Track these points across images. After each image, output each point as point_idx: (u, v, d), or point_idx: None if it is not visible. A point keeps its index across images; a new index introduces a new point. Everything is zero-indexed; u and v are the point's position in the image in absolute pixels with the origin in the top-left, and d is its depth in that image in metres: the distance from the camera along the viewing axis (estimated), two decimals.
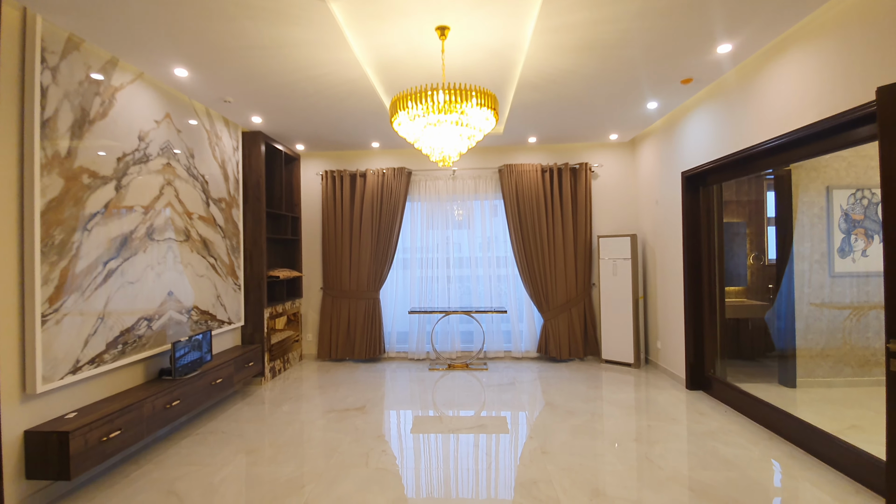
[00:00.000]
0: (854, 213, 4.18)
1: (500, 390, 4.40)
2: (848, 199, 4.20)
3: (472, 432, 3.36)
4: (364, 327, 5.59)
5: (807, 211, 4.32)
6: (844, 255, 4.20)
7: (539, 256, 5.46)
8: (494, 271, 5.68)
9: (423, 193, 5.74)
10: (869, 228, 4.14)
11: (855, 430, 3.28)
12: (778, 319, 5.09)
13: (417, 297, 5.70)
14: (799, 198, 4.33)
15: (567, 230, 5.47)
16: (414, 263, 5.74)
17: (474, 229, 5.73)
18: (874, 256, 4.09)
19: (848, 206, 4.20)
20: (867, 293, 4.16)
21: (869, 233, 4.14)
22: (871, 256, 4.11)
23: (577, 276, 5.49)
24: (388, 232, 5.59)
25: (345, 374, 5.09)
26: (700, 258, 4.30)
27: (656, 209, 5.00)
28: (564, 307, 5.45)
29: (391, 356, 5.76)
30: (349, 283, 5.66)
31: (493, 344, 5.63)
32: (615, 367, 5.15)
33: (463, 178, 5.71)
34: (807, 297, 4.32)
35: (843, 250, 4.20)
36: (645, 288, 5.33)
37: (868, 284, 4.15)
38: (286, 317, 5.62)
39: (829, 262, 4.25)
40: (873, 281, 4.11)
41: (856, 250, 4.16)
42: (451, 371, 5.15)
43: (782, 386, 4.34)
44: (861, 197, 4.17)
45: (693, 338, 4.30)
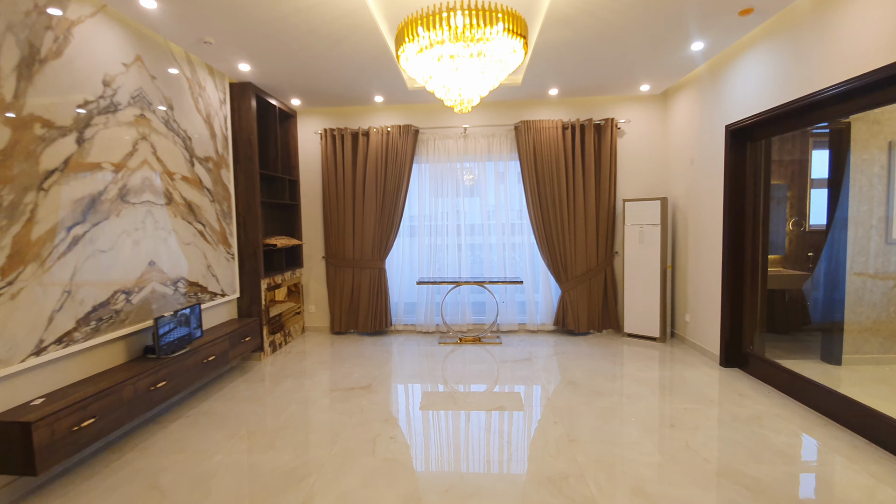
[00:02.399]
0: None
1: (516, 367, 4.08)
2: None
3: (489, 416, 3.04)
4: (369, 298, 5.24)
5: (865, 170, 3.82)
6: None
7: (558, 223, 5.02)
8: (508, 239, 5.27)
9: (432, 154, 5.25)
10: None
11: None
12: (818, 290, 4.68)
13: (426, 266, 5.33)
14: (857, 155, 3.83)
15: (589, 194, 5.01)
16: (422, 230, 5.32)
17: (487, 193, 5.27)
18: None
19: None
20: None
21: None
22: None
23: (599, 244, 5.07)
24: (393, 196, 5.15)
25: (349, 349, 4.79)
26: (743, 223, 3.85)
27: (691, 170, 4.51)
28: (584, 277, 5.06)
29: (398, 329, 5.44)
30: (353, 252, 5.28)
31: (506, 316, 5.29)
32: (638, 342, 4.81)
33: (475, 136, 5.20)
34: (858, 267, 3.89)
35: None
36: (674, 257, 4.91)
37: None
38: (286, 287, 5.29)
39: (888, 228, 3.79)
40: None
41: None
42: (461, 345, 4.83)
43: (825, 363, 3.97)
44: None
45: (730, 311, 3.91)
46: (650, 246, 4.74)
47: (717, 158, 4.00)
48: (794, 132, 4.68)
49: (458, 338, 4.96)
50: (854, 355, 3.87)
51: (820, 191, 5.05)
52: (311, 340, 5.15)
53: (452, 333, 5.07)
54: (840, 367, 3.89)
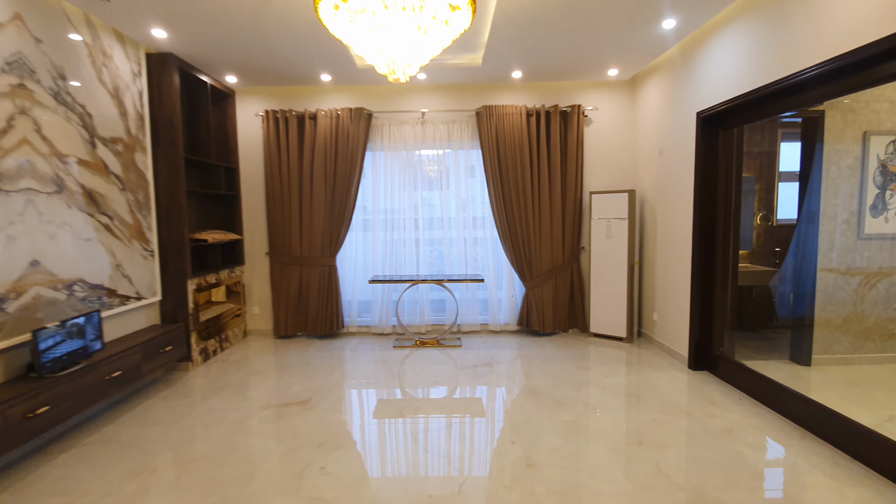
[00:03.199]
0: (892, 164, 3.53)
1: (476, 374, 3.74)
2: (887, 147, 3.55)
3: (440, 437, 2.69)
4: (319, 298, 4.79)
5: (839, 161, 3.66)
6: (877, 214, 3.59)
7: (522, 216, 4.70)
8: (470, 233, 4.91)
9: (387, 140, 4.82)
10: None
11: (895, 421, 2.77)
12: (786, 287, 4.55)
13: (381, 262, 4.91)
14: (830, 146, 3.65)
15: (555, 185, 4.70)
16: (376, 224, 4.89)
17: (447, 184, 4.89)
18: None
19: (886, 156, 3.55)
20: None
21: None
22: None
23: (565, 239, 4.78)
24: (344, 186, 4.70)
25: (295, 355, 4.33)
26: (714, 217, 3.62)
27: (660, 160, 4.26)
28: (549, 274, 4.77)
29: (351, 331, 5.01)
30: (300, 248, 4.80)
31: (468, 316, 4.95)
32: (605, 342, 4.56)
33: (434, 122, 4.80)
34: (828, 263, 3.74)
35: (876, 207, 3.58)
36: (641, 252, 4.68)
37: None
38: (225, 287, 4.76)
39: (860, 222, 3.64)
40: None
41: (890, 208, 3.55)
42: (419, 349, 4.46)
43: (794, 363, 3.83)
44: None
45: (700, 310, 3.69)
46: (617, 241, 4.48)
47: (688, 148, 3.75)
48: (766, 120, 4.48)
49: (416, 340, 4.58)
50: (824, 355, 3.72)
51: (788, 184, 4.92)
52: (253, 346, 4.65)
53: (409, 335, 4.69)
54: (810, 369, 3.74)
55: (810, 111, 3.73)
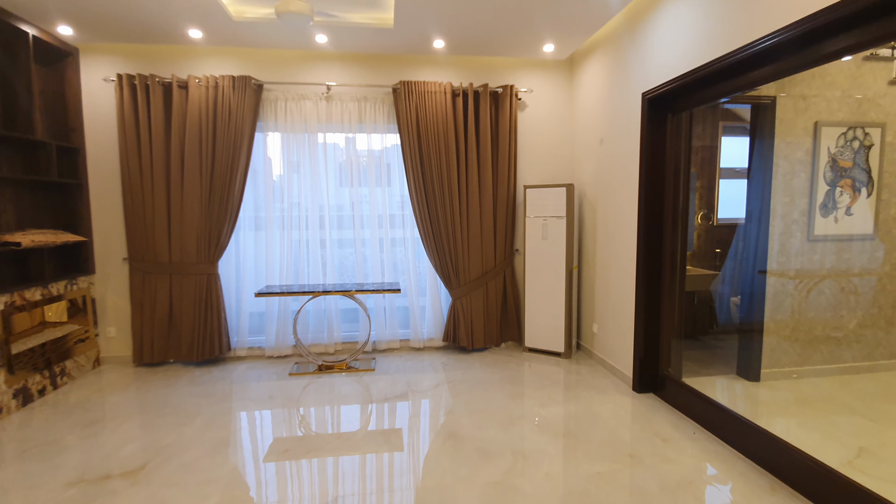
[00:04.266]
0: (842, 158, 3.22)
1: (386, 412, 3.00)
2: (837, 140, 3.24)
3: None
4: (195, 315, 3.81)
5: (789, 154, 3.31)
6: (827, 213, 3.27)
7: (448, 213, 4.02)
8: (388, 233, 4.15)
9: (283, 119, 3.93)
10: (857, 179, 3.21)
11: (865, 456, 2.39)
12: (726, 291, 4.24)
13: (278, 269, 4.02)
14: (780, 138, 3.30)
15: (485, 177, 4.06)
16: (271, 222, 3.99)
17: (359, 174, 4.09)
18: (859, 215, 3.20)
19: (836, 150, 3.23)
20: (847, 261, 3.28)
21: (857, 185, 3.21)
22: (855, 216, 3.21)
23: (497, 240, 4.16)
24: (226, 175, 3.75)
25: (155, 391, 3.35)
26: (661, 215, 3.13)
27: (600, 151, 3.75)
28: (480, 281, 4.13)
29: (240, 354, 4.08)
30: (169, 252, 3.79)
31: (385, 331, 4.19)
32: (541, 358, 4.00)
33: (342, 98, 3.98)
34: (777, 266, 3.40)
35: (826, 207, 3.26)
36: (581, 255, 4.17)
37: (849, 250, 3.27)
38: (66, 304, 3.66)
39: (809, 222, 3.32)
40: (856, 246, 3.25)
41: (840, 207, 3.24)
42: (322, 375, 3.64)
43: (742, 379, 3.46)
44: (852, 138, 3.21)
45: (645, 324, 3.20)
46: (554, 242, 3.93)
47: (632, 136, 3.24)
48: (707, 111, 4.08)
49: (319, 364, 3.76)
50: (772, 369, 3.38)
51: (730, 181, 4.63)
52: (104, 380, 3.60)
53: (311, 358, 3.85)
54: (759, 385, 3.39)
55: (761, 98, 3.36)
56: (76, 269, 3.75)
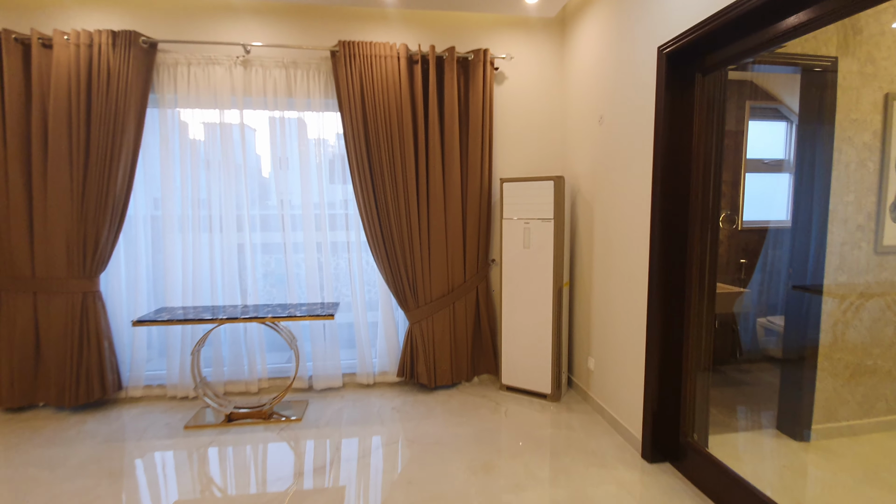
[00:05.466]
0: None
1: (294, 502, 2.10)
2: None
3: None
4: (66, 346, 2.90)
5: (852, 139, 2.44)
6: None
7: (403, 215, 3.12)
8: (327, 236, 3.25)
9: (185, 90, 3.01)
10: None
11: None
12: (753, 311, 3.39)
13: (180, 284, 3.11)
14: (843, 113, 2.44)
15: (452, 168, 3.17)
16: (170, 223, 3.07)
17: (288, 163, 3.19)
18: None
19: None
20: None
21: None
22: None
23: (468, 249, 3.27)
24: (105, 161, 2.84)
25: None
26: (685, 214, 2.26)
27: (599, 132, 2.87)
28: (444, 300, 3.23)
29: (134, 395, 3.16)
30: (31, 263, 2.87)
31: (325, 361, 3.29)
32: (522, 400, 3.12)
33: (265, 64, 3.07)
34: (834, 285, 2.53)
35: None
36: (573, 267, 3.29)
37: None
38: None
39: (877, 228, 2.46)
40: None
41: None
42: (229, 429, 2.74)
43: (786, 437, 2.59)
44: None
45: (660, 362, 2.32)
46: (539, 251, 3.04)
47: (644, 109, 2.36)
48: (758, 56, 3.19)
49: (230, 412, 2.85)
50: (825, 424, 2.52)
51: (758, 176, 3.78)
52: None
53: (221, 404, 2.94)
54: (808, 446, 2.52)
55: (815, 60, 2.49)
56: None
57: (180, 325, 3.11)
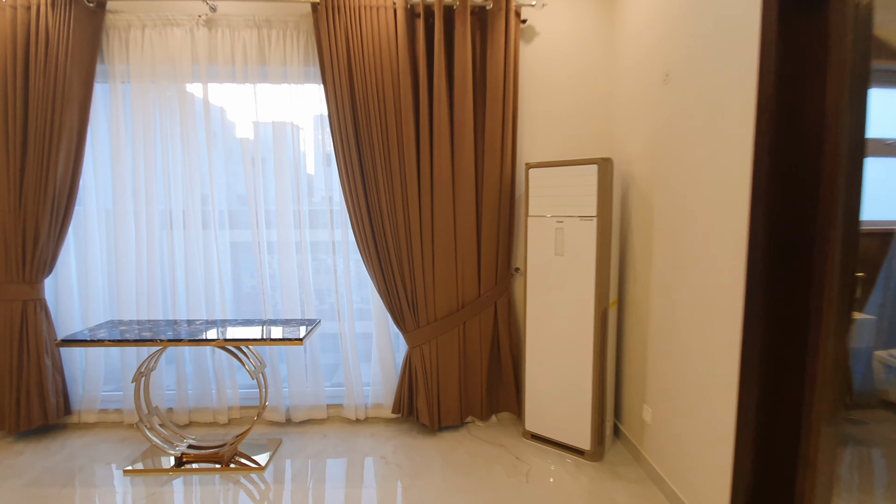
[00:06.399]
0: None
1: None
2: None
3: None
4: (5, 363, 2.47)
5: None
6: None
7: (400, 212, 2.46)
8: (307, 235, 2.65)
9: (139, 57, 2.49)
10: None
11: None
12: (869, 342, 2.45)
13: (134, 292, 2.60)
14: None
15: (464, 152, 2.47)
16: (122, 219, 2.57)
17: (261, 146, 2.61)
18: None
19: None
20: None
21: None
22: None
23: (483, 254, 2.56)
24: (43, 145, 2.38)
25: None
26: (813, 208, 1.44)
27: (663, 95, 2.06)
28: (453, 319, 2.54)
29: (87, 420, 2.70)
30: None
31: (306, 387, 2.69)
32: (550, 455, 2.37)
33: (233, 24, 2.50)
34: None
35: None
36: (622, 283, 2.49)
37: None
38: None
39: None
40: None
41: None
42: (178, 476, 2.20)
43: None
44: None
45: (758, 421, 1.51)
46: (577, 260, 2.27)
47: (735, 54, 1.56)
48: None
49: (179, 454, 2.30)
50: None
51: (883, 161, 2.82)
52: None
53: (173, 439, 2.40)
54: None
55: None
56: None
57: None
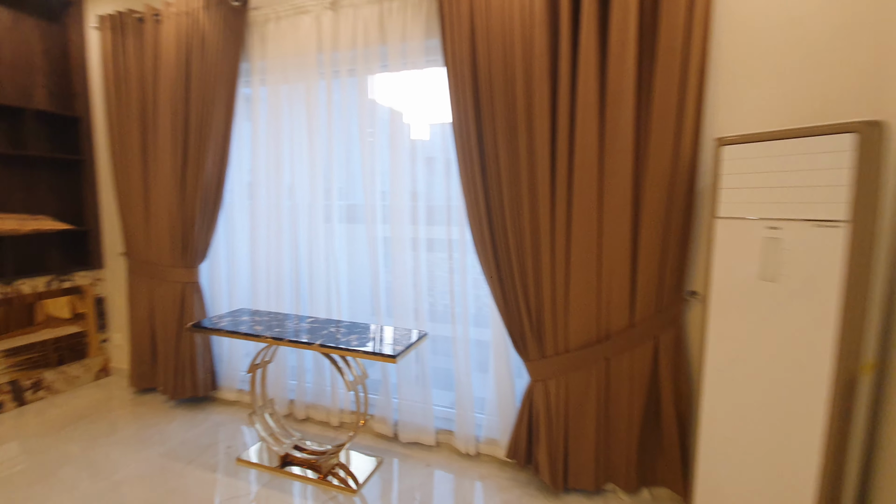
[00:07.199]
0: None
1: None
2: None
3: None
4: (172, 336, 2.79)
5: None
6: None
7: (526, 208, 1.94)
8: (424, 231, 2.32)
9: (274, 51, 2.50)
10: None
11: None
12: None
13: (265, 281, 2.66)
14: None
15: (618, 127, 1.81)
16: (259, 212, 2.64)
17: (377, 131, 2.37)
18: None
19: None
20: None
21: None
22: None
23: (640, 270, 1.85)
24: (198, 140, 2.56)
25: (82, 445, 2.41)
26: None
27: None
28: (592, 353, 1.91)
29: (228, 397, 2.90)
30: (146, 247, 2.86)
31: (412, 405, 2.39)
32: None
33: (356, 2, 2.30)
34: None
35: None
36: (888, 335, 1.49)
37: None
38: (70, 302, 3.10)
39: None
40: None
41: None
42: (277, 478, 2.13)
43: None
44: None
45: None
46: (802, 290, 1.41)
47: None
48: None
49: (283, 455, 2.23)
50: None
51: None
52: (70, 405, 2.87)
53: (281, 436, 2.36)
54: None
55: None
56: (81, 263, 3.16)
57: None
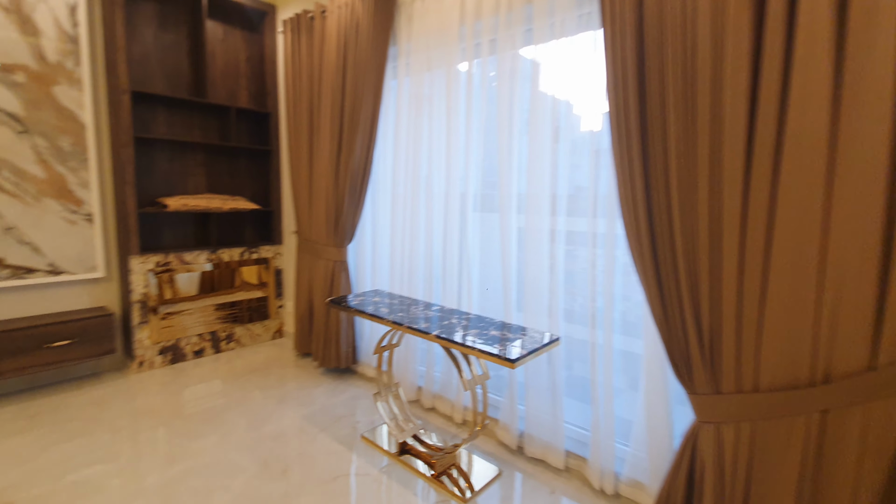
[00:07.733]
0: None
1: None
2: None
3: None
4: (322, 308, 3.05)
5: None
6: None
7: (704, 194, 1.45)
8: (564, 223, 1.99)
9: (419, 29, 2.44)
10: None
11: None
12: None
13: (399, 268, 2.67)
14: None
15: (862, 72, 1.19)
16: (399, 198, 2.65)
17: (513, 111, 2.09)
18: None
19: None
20: None
21: None
22: None
23: (894, 281, 1.21)
24: (350, 126, 2.69)
25: (243, 395, 2.81)
26: None
27: None
28: (797, 398, 1.34)
29: (367, 373, 3.04)
30: (309, 226, 3.16)
31: (540, 416, 2.09)
32: None
33: None
34: None
35: None
36: None
37: None
38: (258, 271, 3.68)
39: None
40: None
41: None
42: (393, 465, 2.10)
43: None
44: None
45: None
46: None
47: None
48: None
49: (402, 443, 2.20)
50: None
51: None
52: (247, 359, 3.38)
53: (403, 424, 2.32)
54: None
55: None
56: (266, 238, 3.71)
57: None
